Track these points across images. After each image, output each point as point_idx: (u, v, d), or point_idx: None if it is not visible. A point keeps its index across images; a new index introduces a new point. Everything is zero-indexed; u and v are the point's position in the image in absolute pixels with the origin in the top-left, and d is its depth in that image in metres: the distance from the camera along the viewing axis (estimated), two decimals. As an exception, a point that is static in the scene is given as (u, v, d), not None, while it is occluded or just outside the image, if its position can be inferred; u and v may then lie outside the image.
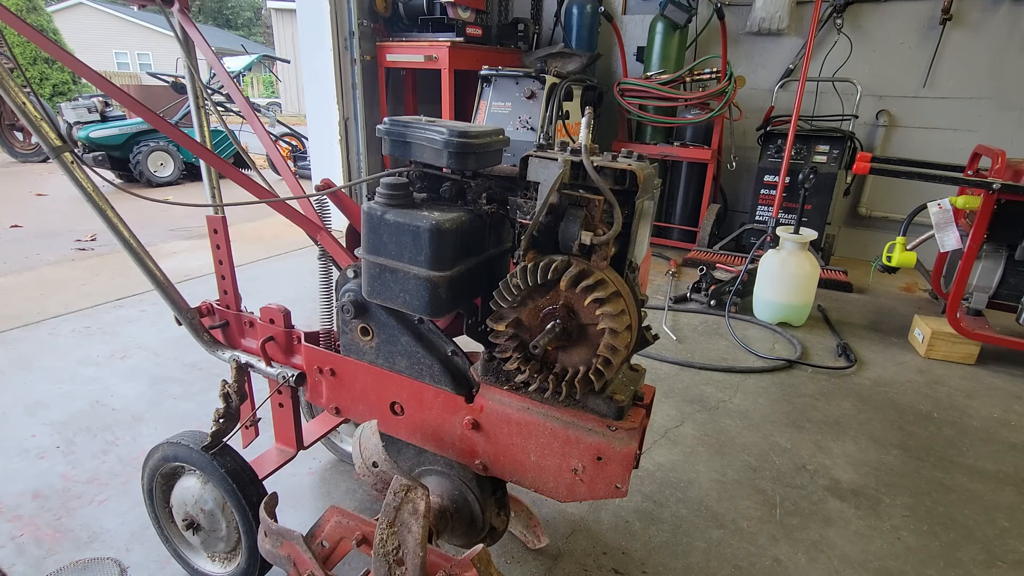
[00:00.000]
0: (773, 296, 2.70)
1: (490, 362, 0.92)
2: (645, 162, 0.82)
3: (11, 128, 7.12)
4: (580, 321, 0.79)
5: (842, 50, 3.65)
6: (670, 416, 1.93)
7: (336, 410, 1.11)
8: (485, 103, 3.44)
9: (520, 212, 0.88)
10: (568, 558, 1.34)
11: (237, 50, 7.86)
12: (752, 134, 3.87)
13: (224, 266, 1.28)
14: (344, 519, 0.96)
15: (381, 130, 0.93)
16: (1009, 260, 2.40)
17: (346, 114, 3.86)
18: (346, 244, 1.17)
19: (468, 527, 1.06)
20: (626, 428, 0.84)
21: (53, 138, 0.97)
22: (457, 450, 1.00)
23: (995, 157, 2.34)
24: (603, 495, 0.88)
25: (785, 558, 1.36)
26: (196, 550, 1.25)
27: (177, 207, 0.98)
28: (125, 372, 2.10)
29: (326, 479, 1.59)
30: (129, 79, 14.45)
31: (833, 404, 2.07)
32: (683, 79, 3.64)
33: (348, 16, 3.65)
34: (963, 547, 1.43)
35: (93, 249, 3.58)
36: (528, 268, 0.77)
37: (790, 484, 1.63)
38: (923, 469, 1.73)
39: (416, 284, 0.85)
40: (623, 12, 4.27)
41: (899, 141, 3.78)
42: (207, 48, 1.35)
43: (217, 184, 1.42)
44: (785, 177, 3.38)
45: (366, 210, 0.87)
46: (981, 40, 3.42)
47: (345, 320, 1.02)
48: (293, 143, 6.78)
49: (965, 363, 2.43)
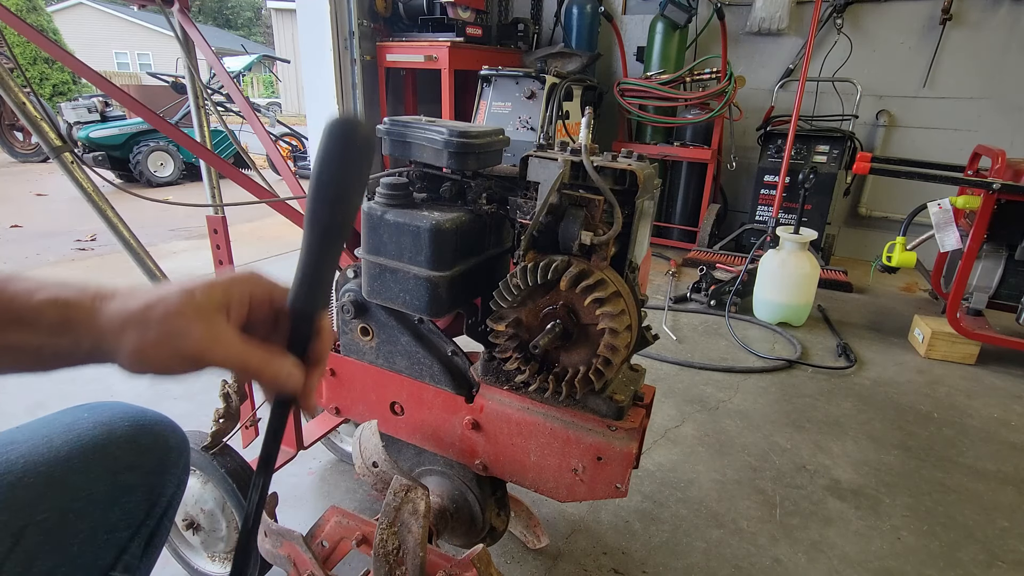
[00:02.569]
0: (773, 296, 2.70)
1: (490, 362, 0.92)
2: (645, 162, 0.82)
3: (11, 128, 7.12)
4: (580, 321, 0.79)
5: (842, 50, 3.65)
6: (670, 416, 1.93)
7: (336, 410, 1.11)
8: (485, 103, 3.44)
9: (520, 212, 0.88)
10: (568, 558, 1.34)
11: (237, 50, 7.86)
12: (752, 134, 3.87)
13: (224, 266, 1.28)
14: (344, 519, 0.96)
15: (381, 130, 0.93)
16: (1009, 260, 2.40)
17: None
18: (346, 244, 1.17)
19: (468, 527, 1.06)
20: (626, 428, 0.84)
21: (53, 138, 0.97)
22: (457, 450, 1.00)
23: (995, 157, 2.34)
24: (603, 495, 0.88)
25: (785, 558, 1.36)
26: (196, 550, 1.25)
27: (177, 207, 0.98)
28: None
29: (326, 479, 1.59)
30: (129, 79, 14.45)
31: (833, 404, 2.07)
32: (683, 79, 3.64)
33: (348, 16, 3.64)
34: (963, 547, 1.43)
35: (93, 249, 3.58)
36: (528, 268, 0.77)
37: (790, 484, 1.63)
38: (923, 469, 1.73)
39: (416, 284, 0.85)
40: (623, 12, 4.27)
41: (899, 141, 3.78)
42: (207, 48, 1.35)
43: (217, 184, 1.42)
44: (785, 177, 3.38)
45: (366, 210, 0.87)
46: (981, 40, 3.42)
47: (345, 320, 1.02)
48: (293, 143, 6.78)
49: (965, 363, 2.43)
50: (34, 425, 0.64)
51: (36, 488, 0.57)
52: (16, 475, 0.57)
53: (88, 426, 0.64)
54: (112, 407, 0.68)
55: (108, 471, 0.63)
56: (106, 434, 0.64)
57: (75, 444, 0.62)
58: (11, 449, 0.59)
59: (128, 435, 0.66)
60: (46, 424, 0.64)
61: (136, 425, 0.67)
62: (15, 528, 0.55)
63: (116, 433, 0.65)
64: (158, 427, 0.69)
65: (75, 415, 0.66)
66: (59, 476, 0.59)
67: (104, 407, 0.68)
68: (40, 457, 0.59)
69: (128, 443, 0.65)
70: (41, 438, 0.61)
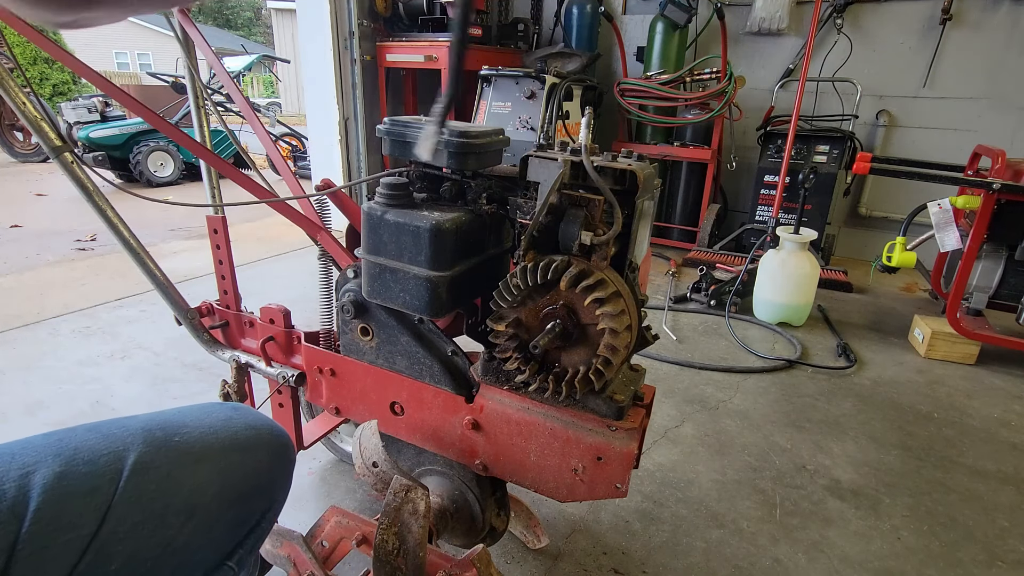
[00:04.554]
0: (773, 296, 2.70)
1: (490, 362, 0.92)
2: (645, 162, 0.82)
3: (11, 128, 7.12)
4: (580, 321, 0.79)
5: (842, 50, 3.65)
6: (670, 416, 1.93)
7: (336, 410, 1.11)
8: (485, 103, 3.44)
9: (520, 212, 0.88)
10: (568, 558, 1.34)
11: (237, 50, 7.85)
12: (752, 134, 3.87)
13: (224, 266, 1.28)
14: (344, 519, 0.96)
15: (381, 130, 0.93)
16: (1009, 260, 2.40)
17: (346, 114, 3.86)
18: (346, 244, 1.17)
19: (468, 527, 1.06)
20: (626, 428, 0.84)
21: (53, 138, 0.97)
22: (457, 450, 1.00)
23: (995, 157, 2.34)
24: (603, 495, 0.88)
25: (785, 558, 1.36)
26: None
27: (177, 207, 0.98)
28: (125, 372, 2.10)
29: (326, 479, 1.59)
30: (129, 79, 14.46)
31: (833, 404, 2.07)
32: (683, 79, 3.64)
33: (348, 16, 3.64)
34: (963, 547, 1.43)
35: (93, 249, 3.58)
36: (528, 268, 0.77)
37: (790, 484, 1.63)
38: (923, 469, 1.73)
39: (416, 284, 0.85)
40: (623, 12, 4.27)
41: (899, 141, 3.78)
42: (207, 48, 1.35)
43: (217, 184, 1.42)
44: (785, 177, 3.38)
45: (366, 210, 0.87)
46: (981, 40, 3.42)
47: (345, 320, 1.02)
48: (293, 143, 6.78)
49: (965, 363, 2.43)
50: (194, 412, 0.68)
51: (208, 473, 0.62)
52: (195, 457, 0.62)
53: (241, 426, 0.69)
54: (255, 413, 0.73)
55: (254, 471, 0.68)
56: (255, 437, 0.69)
57: (234, 441, 0.67)
58: (186, 432, 0.63)
59: (269, 442, 0.71)
60: (206, 414, 0.68)
61: (273, 434, 0.72)
62: (189, 505, 0.59)
63: (263, 438, 0.70)
64: (284, 438, 0.74)
65: (227, 413, 0.70)
66: (223, 466, 0.64)
67: (248, 411, 0.73)
68: (210, 446, 0.64)
69: (269, 449, 0.70)
70: (208, 428, 0.66)
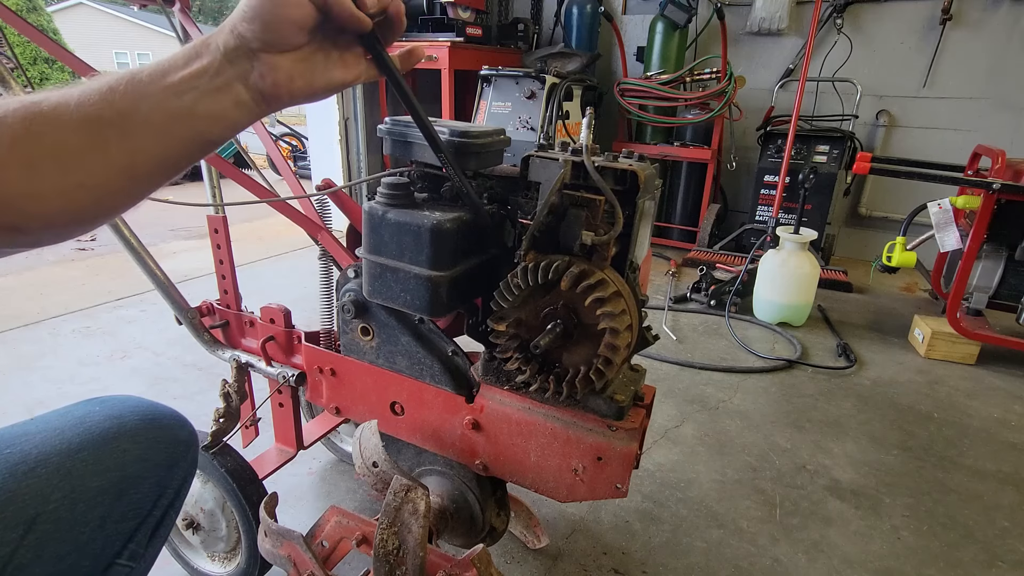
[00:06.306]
0: (773, 296, 2.70)
1: (490, 362, 0.92)
2: (646, 162, 0.82)
3: (11, 128, 7.11)
4: (581, 321, 0.79)
5: (842, 50, 3.65)
6: (670, 416, 1.93)
7: (336, 410, 1.11)
8: (485, 103, 3.44)
9: (521, 212, 0.88)
10: (568, 558, 1.34)
11: (237, 50, 7.84)
12: (752, 134, 3.87)
13: (224, 266, 1.28)
14: (344, 519, 0.96)
15: (382, 130, 0.93)
16: (1009, 260, 2.40)
17: (346, 114, 3.86)
18: (346, 244, 1.17)
19: (468, 527, 1.06)
20: (626, 428, 0.84)
21: (53, 138, 0.97)
22: (457, 450, 1.00)
23: (995, 157, 2.34)
24: (603, 495, 0.88)
25: (785, 558, 1.36)
26: (196, 550, 1.25)
27: (177, 207, 0.98)
28: (125, 372, 2.10)
29: (326, 479, 1.59)
30: (129, 79, 14.42)
31: (833, 404, 2.07)
32: (683, 79, 3.64)
33: (348, 16, 3.64)
34: (963, 547, 1.43)
35: (93, 249, 3.58)
36: (529, 268, 0.77)
37: (790, 484, 1.63)
38: (923, 469, 1.73)
39: (417, 284, 0.85)
40: (623, 12, 4.27)
41: (899, 141, 3.78)
42: (207, 48, 1.34)
43: (217, 184, 1.42)
44: (785, 177, 3.38)
45: (367, 210, 0.87)
46: (981, 40, 3.42)
47: (345, 320, 1.01)
48: (293, 143, 6.78)
49: (965, 363, 2.43)
50: (47, 417, 0.65)
51: (48, 478, 0.59)
52: (29, 465, 0.59)
53: (99, 419, 0.66)
54: (123, 401, 0.70)
55: (118, 463, 0.65)
56: (117, 427, 0.66)
57: (86, 436, 0.64)
58: (25, 440, 0.61)
59: (138, 428, 0.68)
60: (59, 417, 0.66)
61: (146, 419, 0.69)
62: (27, 517, 0.57)
63: (127, 426, 0.67)
64: (167, 421, 0.71)
65: (87, 408, 0.67)
66: (70, 467, 0.61)
67: (115, 401, 0.70)
68: (52, 449, 0.61)
69: (138, 436, 0.67)
70: (53, 430, 0.63)
